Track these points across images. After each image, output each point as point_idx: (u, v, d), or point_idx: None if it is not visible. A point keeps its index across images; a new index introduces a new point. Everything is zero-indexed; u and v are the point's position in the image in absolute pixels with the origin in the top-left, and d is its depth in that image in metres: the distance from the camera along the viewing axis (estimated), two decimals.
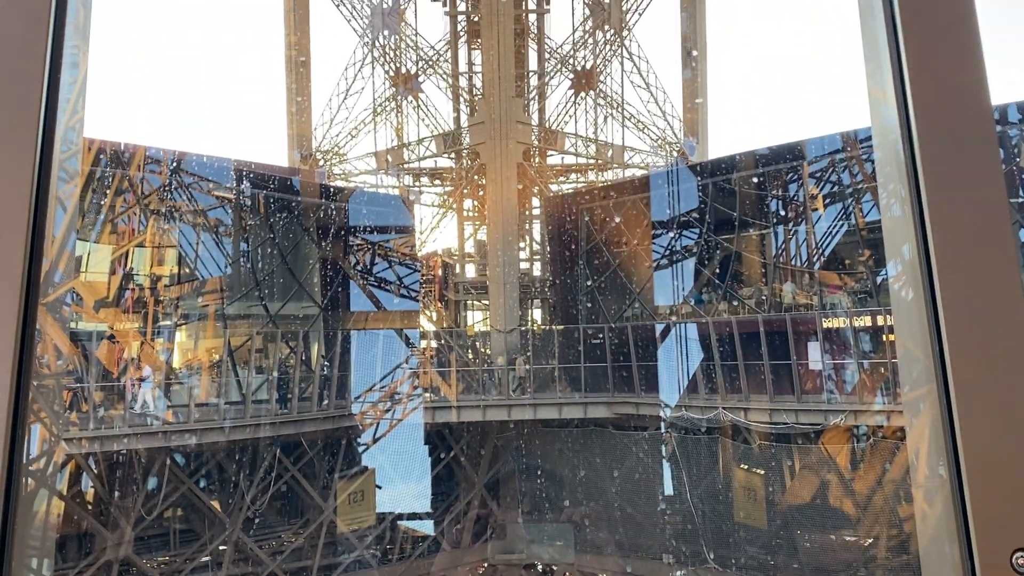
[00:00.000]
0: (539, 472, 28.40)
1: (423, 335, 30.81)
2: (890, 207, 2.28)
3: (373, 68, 36.09)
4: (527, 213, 34.72)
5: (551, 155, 35.85)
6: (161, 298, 24.25)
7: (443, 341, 30.31)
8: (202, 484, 24.02)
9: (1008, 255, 1.89)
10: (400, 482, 27.91)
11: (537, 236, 35.09)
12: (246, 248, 26.54)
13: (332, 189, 31.27)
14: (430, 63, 35.81)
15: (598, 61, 35.98)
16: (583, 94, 36.21)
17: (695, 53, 35.35)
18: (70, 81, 2.11)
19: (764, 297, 25.94)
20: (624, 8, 35.36)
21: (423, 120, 36.08)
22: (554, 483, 28.29)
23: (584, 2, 35.92)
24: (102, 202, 22.91)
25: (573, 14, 36.38)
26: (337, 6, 35.60)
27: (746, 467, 24.85)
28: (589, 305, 30.39)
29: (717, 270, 27.27)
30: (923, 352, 1.93)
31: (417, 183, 37.17)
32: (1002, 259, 1.89)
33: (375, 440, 27.40)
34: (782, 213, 26.23)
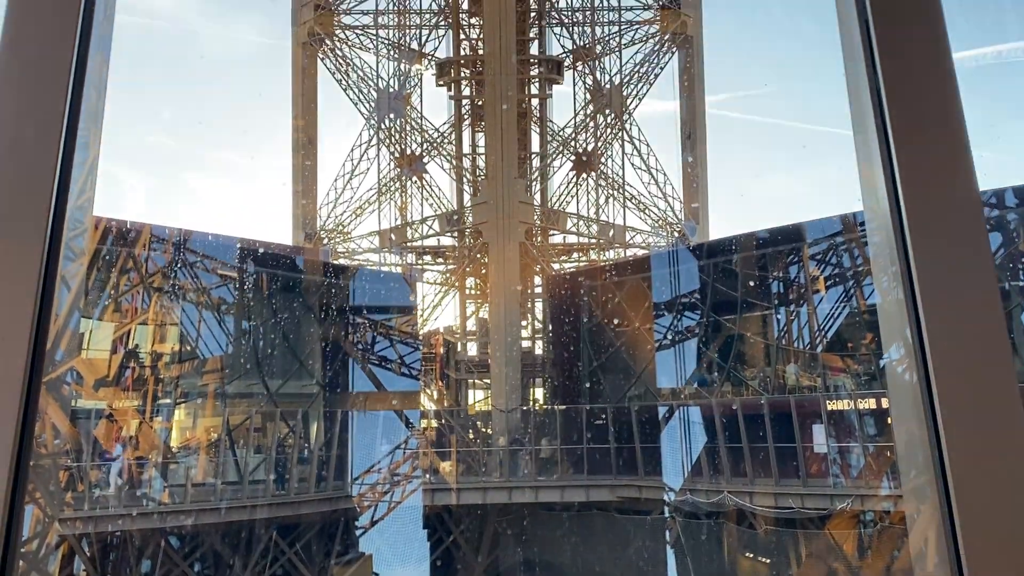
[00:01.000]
0: (539, 560, 27.74)
1: (423, 414, 30.56)
2: (885, 292, 2.30)
3: (379, 149, 36.81)
4: (529, 292, 34.88)
5: (553, 234, 36.22)
6: (161, 376, 24.17)
7: (443, 421, 30.04)
8: (197, 568, 23.46)
9: (1000, 343, 1.90)
10: (398, 567, 27.25)
11: (539, 315, 35.16)
12: (248, 326, 26.58)
13: (335, 267, 31.49)
14: (434, 145, 36.53)
15: (599, 144, 36.68)
16: (584, 175, 36.79)
17: (695, 138, 36.05)
18: (80, 162, 2.16)
19: (768, 378, 25.80)
20: (624, 94, 36.22)
21: (427, 199, 36.62)
22: (554, 572, 27.60)
23: (585, 87, 36.85)
24: (106, 280, 23.08)
25: (575, 99, 37.31)
26: (344, 90, 36.55)
27: (751, 555, 24.28)
28: (591, 384, 30.21)
29: (719, 351, 27.20)
30: (921, 439, 1.93)
31: (420, 261, 37.46)
32: (994, 347, 1.90)
33: (373, 523, 26.87)
34: (784, 294, 26.33)
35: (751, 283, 26.42)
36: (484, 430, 30.22)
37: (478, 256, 34.08)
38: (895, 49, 2.21)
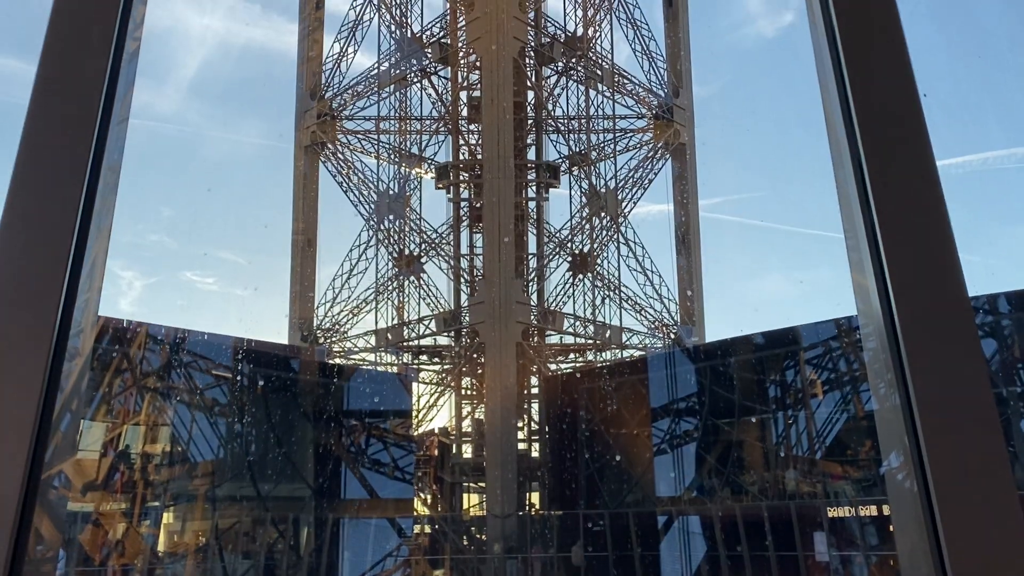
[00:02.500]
0: None
1: (416, 519, 29.82)
2: (882, 399, 2.29)
3: (377, 250, 37.21)
4: (526, 393, 34.62)
5: (550, 335, 36.22)
6: (151, 479, 23.69)
7: (437, 527, 29.30)
8: None
9: (997, 451, 1.89)
10: None
11: (536, 416, 34.80)
12: (240, 428, 26.23)
13: (330, 367, 31.32)
14: (433, 245, 36.95)
15: (595, 245, 37.12)
16: (581, 276, 37.08)
17: (689, 241, 36.58)
18: (88, 263, 2.18)
19: (767, 484, 25.34)
20: (619, 198, 36.92)
21: (424, 299, 36.77)
22: None
23: (581, 191, 37.58)
24: (100, 380, 22.90)
25: (571, 201, 37.97)
26: (345, 192, 37.24)
27: None
28: (588, 488, 29.63)
29: (718, 457, 26.81)
30: (924, 550, 1.89)
31: (416, 361, 37.32)
32: (992, 455, 1.88)
33: None
34: (782, 399, 26.16)
35: (748, 387, 26.29)
36: (479, 536, 29.44)
37: (474, 356, 33.98)
38: (881, 156, 2.27)
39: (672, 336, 35.89)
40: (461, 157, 38.02)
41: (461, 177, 37.94)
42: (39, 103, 2.18)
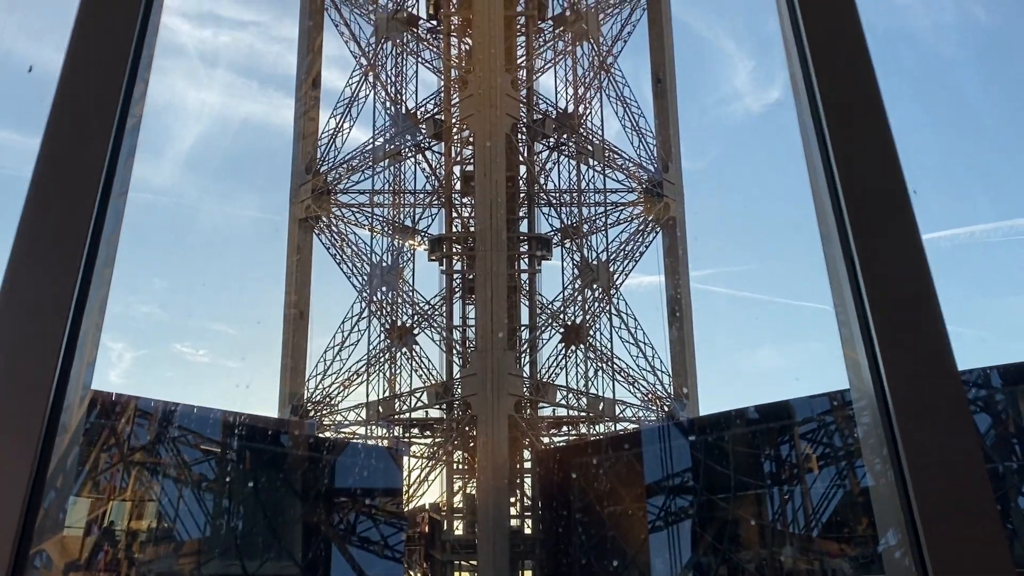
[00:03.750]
0: None
1: None
2: (878, 475, 2.28)
3: (369, 321, 37.15)
4: (519, 467, 34.16)
5: (542, 407, 35.96)
6: (136, 557, 23.08)
7: None
8: None
9: (992, 527, 1.87)
10: None
11: (529, 491, 34.26)
12: (228, 504, 25.72)
13: (320, 442, 30.92)
14: (425, 317, 36.94)
15: (587, 317, 37.17)
16: (574, 348, 37.02)
17: (680, 313, 36.69)
18: (83, 339, 2.18)
19: (764, 562, 24.85)
20: (611, 270, 37.16)
21: (416, 371, 36.57)
22: None
23: (573, 263, 37.82)
24: (86, 456, 22.51)
25: (563, 273, 38.19)
26: (339, 264, 37.39)
27: None
28: (583, 565, 28.98)
29: (714, 533, 26.33)
30: None
31: (407, 435, 36.90)
32: (987, 531, 1.87)
33: None
34: (777, 474, 25.85)
35: (743, 462, 26.00)
36: None
37: (466, 429, 33.64)
38: (868, 232, 2.30)
39: (666, 409, 35.67)
40: (454, 230, 38.35)
41: (454, 249, 38.20)
42: (41, 177, 2.21)
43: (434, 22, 40.91)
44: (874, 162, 2.45)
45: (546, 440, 36.06)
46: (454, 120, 38.31)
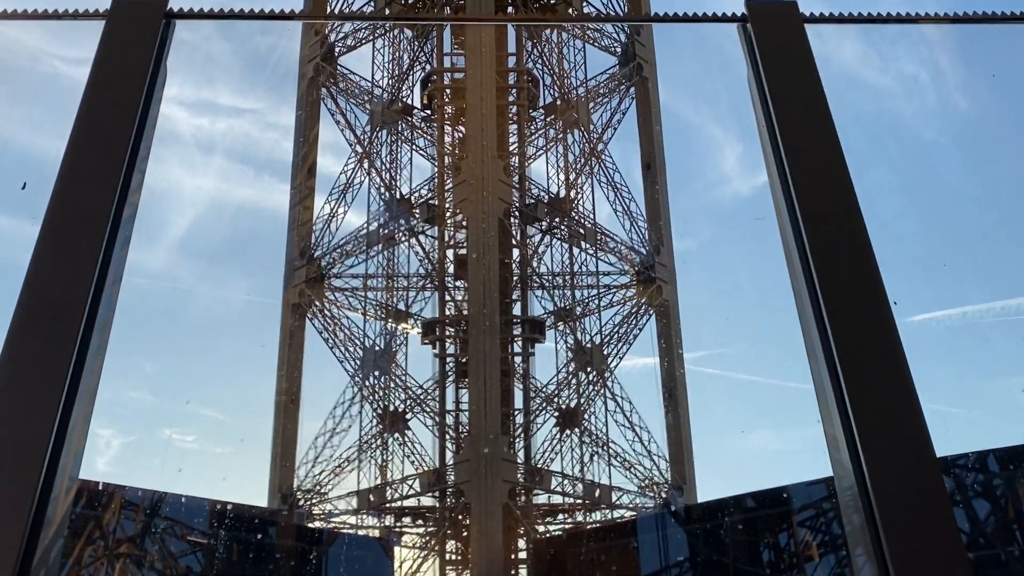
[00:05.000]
0: None
1: None
2: (860, 567, 2.25)
3: (361, 407, 36.81)
4: (513, 557, 33.34)
5: (537, 494, 35.34)
6: None
7: None
8: None
9: None
10: None
11: None
12: None
13: (309, 532, 30.20)
14: (418, 402, 36.63)
15: (582, 401, 36.92)
16: (568, 432, 36.64)
17: (676, 396, 36.47)
18: (72, 431, 2.14)
19: None
20: (605, 352, 37.09)
21: (408, 457, 36.04)
22: None
23: (567, 346, 37.77)
24: (71, 550, 21.89)
25: (556, 356, 38.07)
26: (331, 348, 37.24)
27: None
28: None
29: None
30: None
31: (399, 524, 36.13)
32: None
33: None
34: (776, 563, 25.27)
35: (741, 550, 25.45)
36: None
37: (459, 518, 32.96)
38: (843, 316, 2.35)
39: (663, 495, 35.10)
40: (447, 313, 38.41)
41: (447, 333, 38.18)
42: (39, 265, 2.21)
43: (428, 111, 41.87)
44: (848, 251, 2.51)
45: (541, 528, 35.32)
46: (447, 205, 38.84)
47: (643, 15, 41.79)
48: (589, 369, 36.93)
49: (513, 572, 33.23)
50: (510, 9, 41.89)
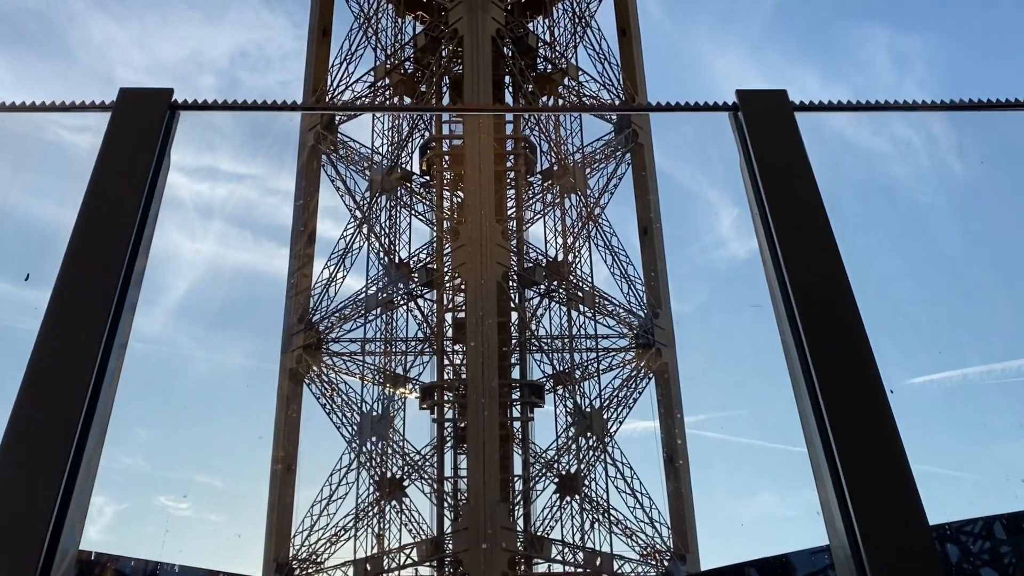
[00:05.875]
0: None
1: None
2: None
3: (358, 473, 36.35)
4: None
5: (537, 563, 34.64)
6: None
7: None
8: None
9: None
10: None
11: None
12: None
13: None
14: (416, 468, 36.19)
15: (582, 466, 36.49)
16: (568, 499, 36.12)
17: (677, 461, 36.06)
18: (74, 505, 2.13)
19: None
20: (605, 417, 36.81)
21: (406, 526, 35.45)
22: None
23: (566, 410, 37.50)
24: None
25: (556, 421, 37.78)
26: (328, 414, 36.94)
27: None
28: None
29: None
30: None
31: None
32: None
33: None
34: None
35: None
36: None
37: None
38: (833, 384, 2.39)
39: (665, 563, 34.42)
40: (446, 377, 38.23)
41: (445, 397, 37.95)
42: (47, 333, 2.22)
43: (427, 177, 42.37)
44: (836, 320, 2.58)
45: None
46: (446, 269, 39.01)
47: (638, 103, 42.60)
48: (589, 434, 36.59)
49: None
50: (507, 78, 42.75)
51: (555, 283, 39.54)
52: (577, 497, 36.02)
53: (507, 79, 42.98)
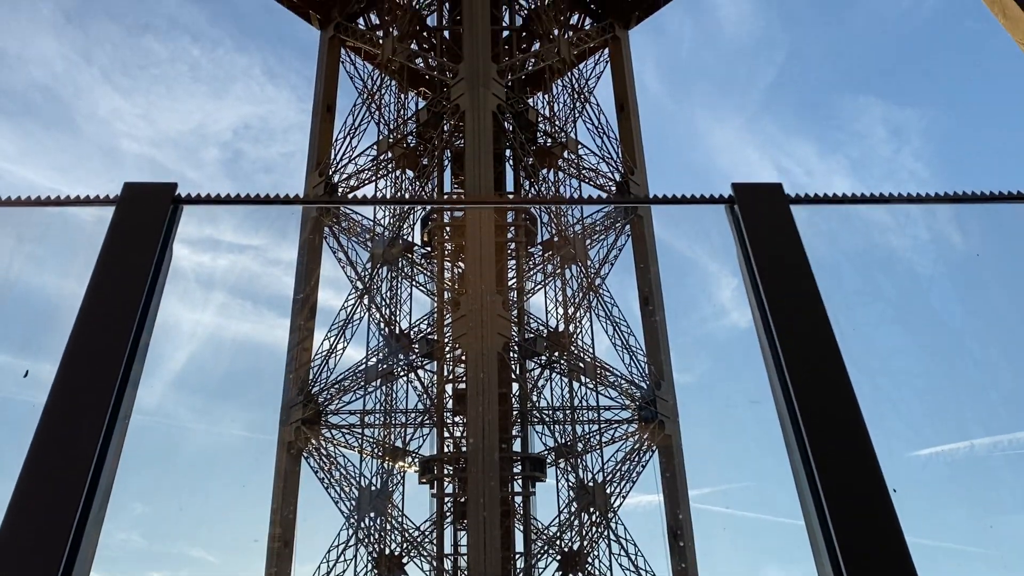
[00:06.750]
0: None
1: None
2: None
3: (356, 550, 35.62)
4: None
5: None
6: None
7: None
8: None
9: None
10: None
11: None
12: None
13: None
14: (415, 545, 35.49)
15: (585, 543, 35.78)
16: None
17: (681, 537, 35.38)
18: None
19: None
20: (608, 491, 36.26)
21: None
22: None
23: (568, 485, 36.96)
24: None
25: (558, 495, 37.21)
26: (326, 488, 36.40)
27: None
28: None
29: None
30: None
31: None
32: None
33: None
34: None
35: None
36: None
37: None
38: (826, 451, 2.46)
39: None
40: (446, 450, 37.79)
41: (445, 471, 37.44)
42: (54, 406, 2.23)
43: (428, 248, 42.68)
44: (829, 393, 2.64)
45: None
46: (447, 340, 38.94)
47: (635, 195, 43.33)
48: (592, 509, 35.99)
49: None
50: (507, 153, 43.48)
51: (556, 354, 39.42)
52: (580, 574, 35.23)
53: (508, 152, 43.70)
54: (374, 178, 42.82)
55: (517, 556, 35.32)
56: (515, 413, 38.66)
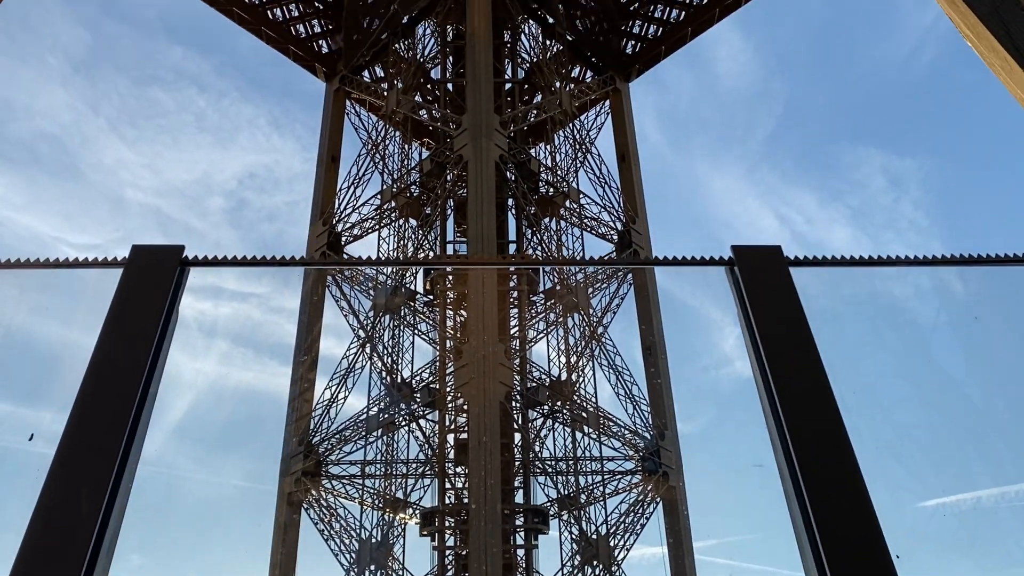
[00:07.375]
0: None
1: None
2: None
3: None
4: None
5: None
6: None
7: None
8: None
9: None
10: None
11: None
12: None
13: None
14: None
15: None
16: None
17: None
18: None
19: None
20: (612, 544, 35.73)
21: None
22: None
23: (571, 537, 36.43)
24: None
25: (561, 548, 36.64)
26: (326, 540, 35.91)
27: None
28: None
29: None
30: None
31: None
32: None
33: None
34: None
35: None
36: None
37: None
38: (821, 496, 2.45)
39: None
40: (447, 502, 37.34)
41: (447, 523, 36.95)
42: (62, 459, 2.25)
43: (430, 296, 42.73)
44: (824, 442, 2.67)
45: None
46: (449, 389, 38.74)
47: (636, 256, 43.55)
48: (595, 563, 35.43)
49: None
50: (510, 199, 43.80)
51: (559, 403, 39.18)
52: None
53: (510, 201, 44.00)
54: (377, 227, 43.07)
55: None
56: (517, 463, 38.28)
